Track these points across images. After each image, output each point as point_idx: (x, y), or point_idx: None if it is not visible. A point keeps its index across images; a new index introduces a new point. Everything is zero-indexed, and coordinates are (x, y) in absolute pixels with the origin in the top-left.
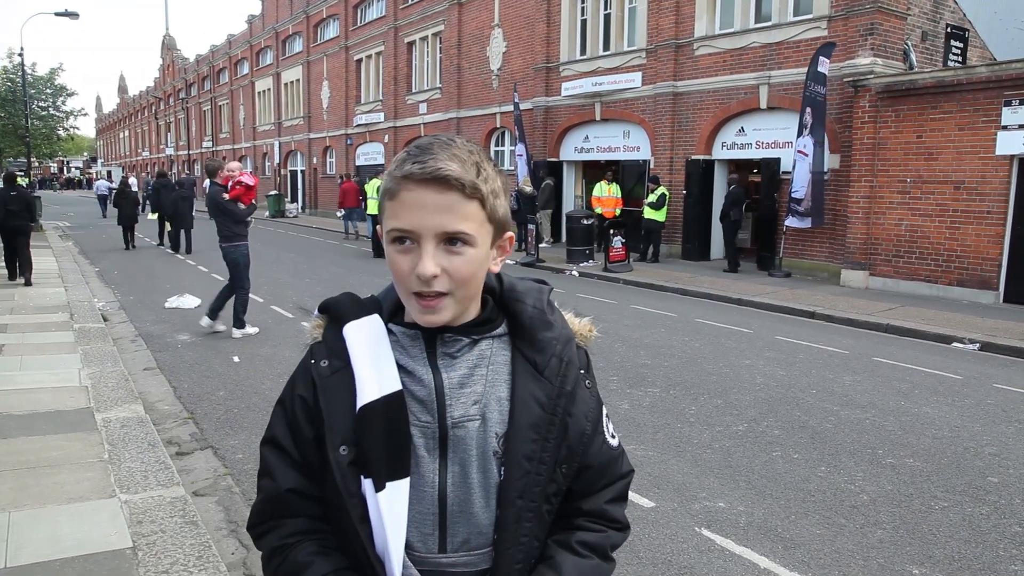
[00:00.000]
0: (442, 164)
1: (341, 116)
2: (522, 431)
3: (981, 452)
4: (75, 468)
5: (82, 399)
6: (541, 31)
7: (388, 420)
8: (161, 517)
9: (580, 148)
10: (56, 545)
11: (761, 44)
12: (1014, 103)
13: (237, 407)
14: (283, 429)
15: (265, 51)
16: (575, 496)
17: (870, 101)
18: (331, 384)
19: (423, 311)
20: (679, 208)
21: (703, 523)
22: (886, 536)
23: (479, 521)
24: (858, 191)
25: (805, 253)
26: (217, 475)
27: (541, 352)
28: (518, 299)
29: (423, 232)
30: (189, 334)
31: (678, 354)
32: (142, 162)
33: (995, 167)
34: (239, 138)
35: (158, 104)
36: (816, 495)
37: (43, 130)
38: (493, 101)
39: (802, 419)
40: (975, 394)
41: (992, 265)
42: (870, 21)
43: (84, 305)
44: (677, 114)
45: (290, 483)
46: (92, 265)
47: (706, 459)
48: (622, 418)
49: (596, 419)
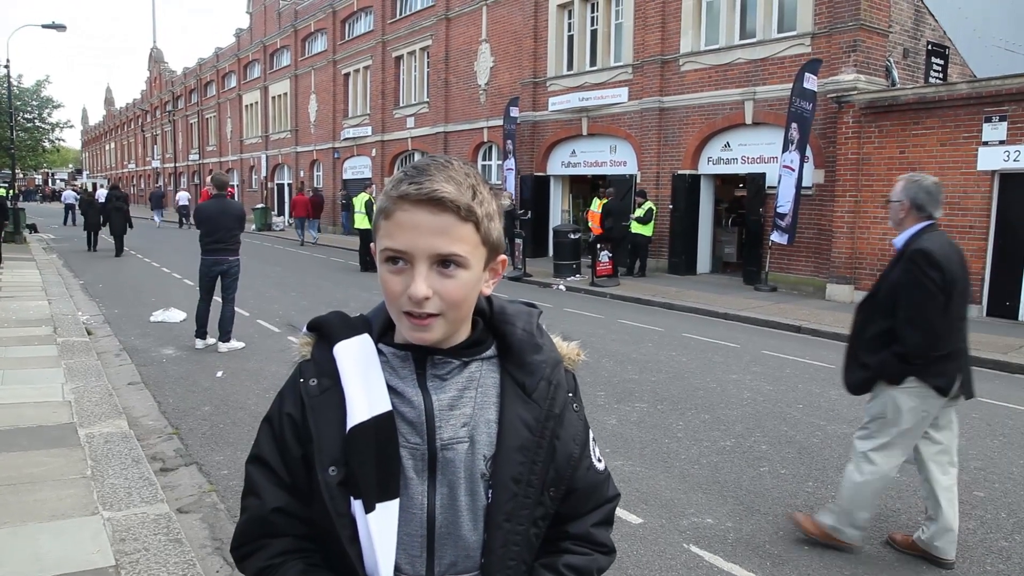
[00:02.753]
0: (438, 186)
1: (328, 130)
2: (510, 453)
3: (967, 466)
4: (57, 484)
5: (65, 414)
6: (528, 46)
7: (378, 441)
8: (145, 535)
9: (567, 163)
10: (37, 563)
11: (746, 60)
12: (994, 119)
13: (222, 422)
14: (270, 447)
15: (253, 64)
16: (562, 519)
17: (853, 117)
18: (320, 403)
19: (413, 328)
20: (665, 222)
21: (691, 539)
22: (874, 552)
23: (467, 544)
24: (842, 206)
25: (791, 267)
26: (202, 492)
27: (530, 375)
28: (508, 322)
29: (417, 253)
30: (174, 348)
31: (665, 369)
32: (128, 175)
33: (977, 182)
34: (226, 151)
35: (145, 116)
36: (804, 510)
37: (28, 142)
38: (480, 115)
39: (789, 434)
40: (960, 408)
41: (975, 279)
42: (853, 38)
43: (68, 318)
44: (663, 129)
45: (277, 502)
46: (76, 278)
47: (694, 475)
48: (609, 433)
49: (584, 442)
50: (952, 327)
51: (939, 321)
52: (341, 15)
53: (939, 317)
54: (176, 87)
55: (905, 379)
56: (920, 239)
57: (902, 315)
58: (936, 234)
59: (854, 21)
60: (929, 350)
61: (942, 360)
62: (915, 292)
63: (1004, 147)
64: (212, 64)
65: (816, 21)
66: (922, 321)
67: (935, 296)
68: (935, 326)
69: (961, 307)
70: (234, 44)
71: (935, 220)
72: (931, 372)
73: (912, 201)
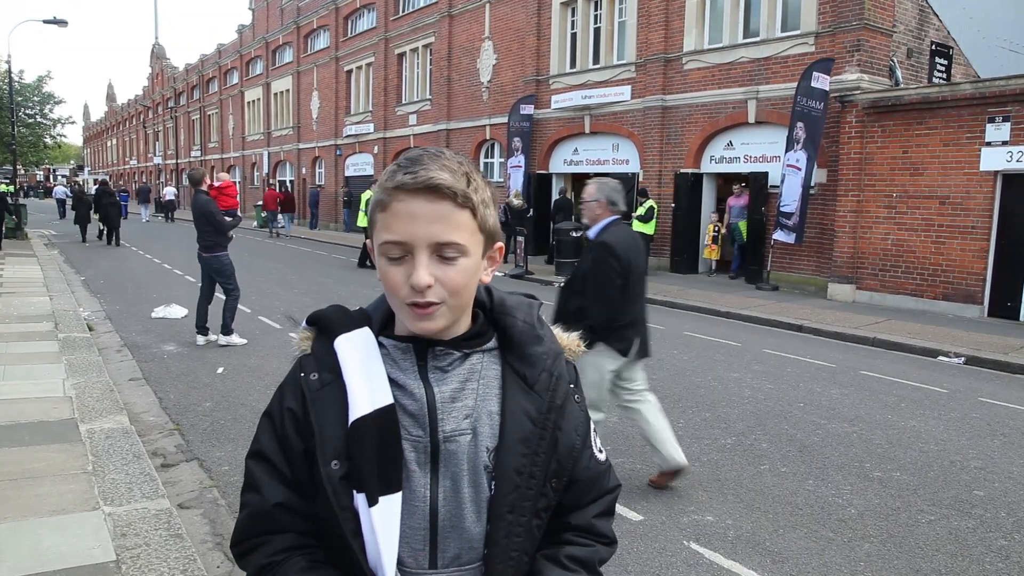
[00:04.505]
0: (434, 173)
1: (331, 127)
2: (512, 445)
3: (967, 466)
4: (58, 480)
5: (66, 410)
6: (531, 44)
7: (380, 434)
8: (145, 530)
9: (569, 160)
10: (38, 558)
11: (749, 59)
12: (997, 120)
13: (224, 418)
14: (271, 442)
15: (255, 61)
16: (563, 511)
17: (857, 116)
18: (322, 397)
19: (417, 318)
20: (667, 221)
21: (691, 537)
22: (873, 550)
23: (470, 536)
24: (845, 205)
25: (793, 267)
26: (203, 487)
27: (531, 366)
28: (508, 313)
29: (416, 242)
30: (175, 344)
31: (667, 367)
32: (130, 171)
33: (979, 183)
34: (228, 148)
35: (146, 113)
36: (804, 508)
37: (29, 137)
38: (483, 113)
39: (790, 432)
40: (961, 408)
41: (977, 279)
42: (856, 38)
43: (69, 314)
44: (666, 128)
45: (278, 497)
46: (77, 274)
47: (694, 472)
48: (610, 431)
49: (585, 433)
50: (629, 304)
51: (618, 299)
52: (344, 12)
53: (618, 296)
54: (178, 83)
55: (595, 345)
56: (607, 232)
57: (590, 295)
58: (620, 228)
59: (858, 21)
60: (611, 322)
61: (622, 329)
62: (599, 276)
63: (1007, 148)
64: (214, 60)
65: (820, 20)
66: (604, 299)
67: (614, 280)
68: (614, 303)
69: (638, 286)
70: (236, 40)
71: (622, 214)
72: (614, 338)
73: (607, 199)
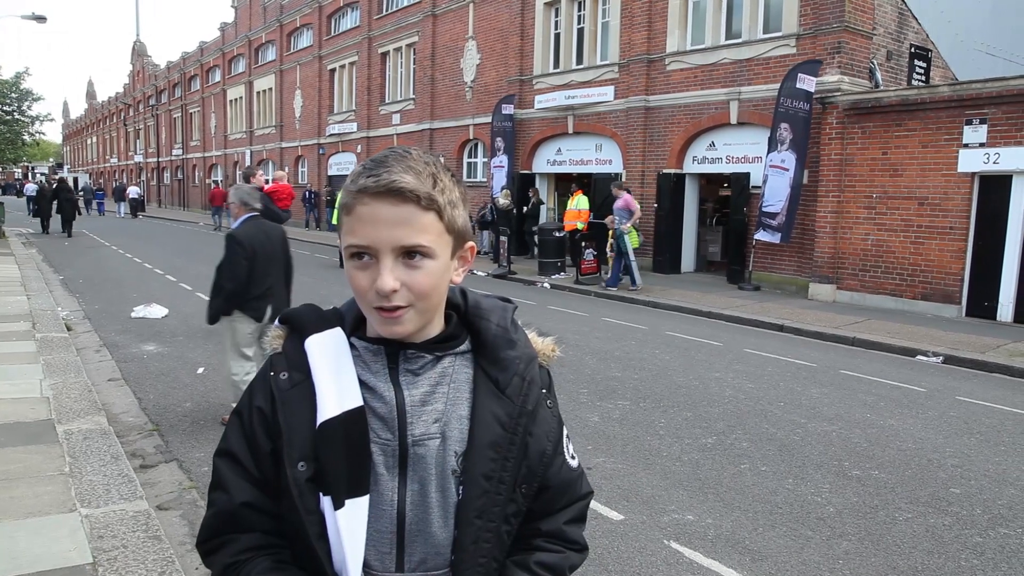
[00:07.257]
0: (396, 176)
1: (314, 126)
2: (481, 450)
3: (944, 464)
4: (34, 481)
5: (43, 410)
6: (515, 44)
7: (348, 436)
8: (123, 532)
9: (553, 161)
10: (12, 561)
11: (731, 60)
12: (975, 122)
13: (203, 419)
14: (239, 441)
15: (237, 59)
16: (534, 517)
17: (837, 118)
18: (291, 397)
19: (385, 323)
20: (650, 221)
21: (672, 536)
22: (852, 547)
23: (437, 541)
24: (826, 206)
25: (774, 267)
26: (182, 488)
27: (504, 370)
28: (482, 316)
29: (380, 247)
30: (156, 344)
31: (648, 367)
32: (110, 169)
33: (957, 184)
34: (210, 146)
35: (127, 110)
36: (783, 507)
37: (7, 135)
38: (467, 113)
39: (770, 432)
40: (938, 406)
41: (955, 280)
42: (837, 40)
43: (47, 314)
44: (649, 128)
45: (244, 496)
46: (56, 273)
47: (675, 472)
48: (591, 431)
49: (557, 439)
50: (258, 279)
51: (244, 277)
52: (327, 10)
53: (244, 274)
54: (159, 81)
55: (233, 312)
56: (241, 226)
57: (224, 274)
58: (252, 222)
59: (839, 23)
60: (240, 295)
61: (255, 299)
62: (229, 260)
63: (984, 149)
64: (196, 58)
65: (801, 22)
66: (232, 278)
67: (240, 262)
68: (241, 280)
69: (266, 266)
70: (219, 38)
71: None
72: (248, 307)
73: (241, 201)
